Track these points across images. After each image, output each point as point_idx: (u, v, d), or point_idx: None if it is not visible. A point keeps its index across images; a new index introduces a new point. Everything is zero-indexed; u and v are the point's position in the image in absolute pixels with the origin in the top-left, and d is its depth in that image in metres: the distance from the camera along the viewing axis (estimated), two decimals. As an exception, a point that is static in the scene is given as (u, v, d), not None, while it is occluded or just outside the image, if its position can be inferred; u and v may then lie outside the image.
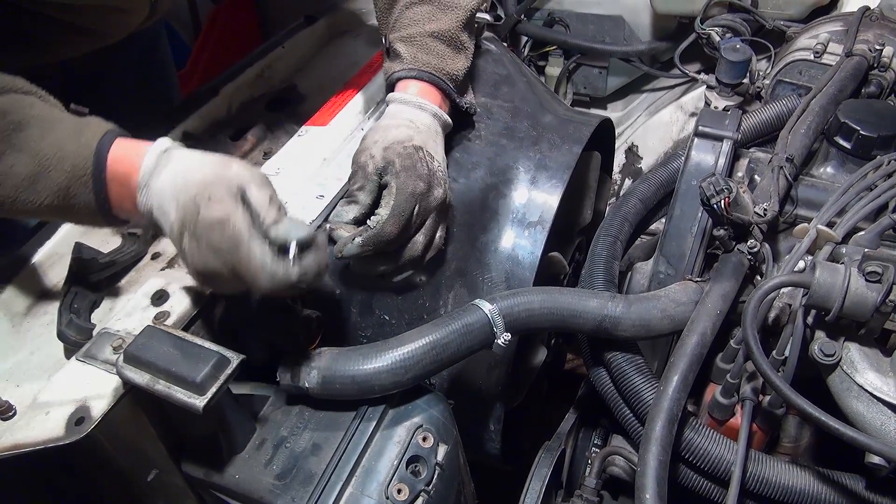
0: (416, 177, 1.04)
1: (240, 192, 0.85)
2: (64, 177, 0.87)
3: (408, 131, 1.09)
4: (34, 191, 0.87)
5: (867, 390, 0.86)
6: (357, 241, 1.02)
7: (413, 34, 1.16)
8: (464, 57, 1.20)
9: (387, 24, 1.22)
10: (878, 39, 1.32)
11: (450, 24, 1.17)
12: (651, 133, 2.06)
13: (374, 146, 1.07)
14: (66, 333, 0.99)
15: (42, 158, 0.86)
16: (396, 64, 1.17)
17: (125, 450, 0.90)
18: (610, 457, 1.15)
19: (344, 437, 0.92)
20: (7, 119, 0.86)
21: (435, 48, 1.16)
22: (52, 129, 0.88)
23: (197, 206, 0.84)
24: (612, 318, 1.00)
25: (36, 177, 0.86)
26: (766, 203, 1.03)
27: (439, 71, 1.16)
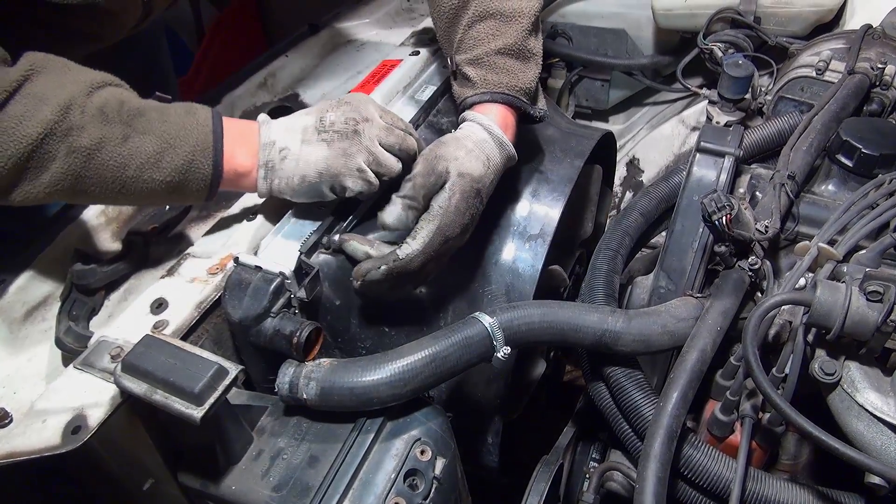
0: (461, 223, 1.04)
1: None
2: (188, 150, 0.98)
3: (482, 170, 1.07)
4: (158, 168, 0.96)
5: (868, 410, 0.86)
6: (383, 269, 1.01)
7: (480, 55, 1.13)
8: (534, 64, 1.17)
9: (450, 44, 1.19)
10: (881, 58, 1.32)
11: (515, 36, 1.13)
12: (652, 146, 2.06)
13: (454, 163, 1.05)
14: (64, 341, 0.99)
15: (167, 137, 0.97)
16: (468, 89, 1.15)
17: (121, 459, 0.89)
18: (608, 472, 1.14)
19: (341, 450, 0.91)
20: (126, 106, 0.95)
21: (504, 65, 1.13)
22: (167, 113, 0.99)
23: (332, 102, 1.05)
24: (611, 332, 1.00)
25: (161, 154, 0.96)
26: (767, 220, 1.03)
27: (512, 89, 1.13)
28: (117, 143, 0.93)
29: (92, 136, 0.91)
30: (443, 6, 1.17)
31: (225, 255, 1.06)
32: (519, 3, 1.14)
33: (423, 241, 1.02)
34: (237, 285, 1.00)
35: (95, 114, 0.92)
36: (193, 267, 1.05)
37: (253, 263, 1.01)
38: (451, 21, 1.17)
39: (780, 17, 1.65)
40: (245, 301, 0.98)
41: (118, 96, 0.96)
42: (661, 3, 1.80)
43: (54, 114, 0.88)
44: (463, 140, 1.09)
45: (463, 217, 1.04)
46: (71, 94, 0.91)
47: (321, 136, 1.04)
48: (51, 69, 0.92)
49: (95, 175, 0.93)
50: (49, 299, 1.12)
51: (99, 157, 0.92)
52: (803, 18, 1.64)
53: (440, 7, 1.17)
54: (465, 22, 1.15)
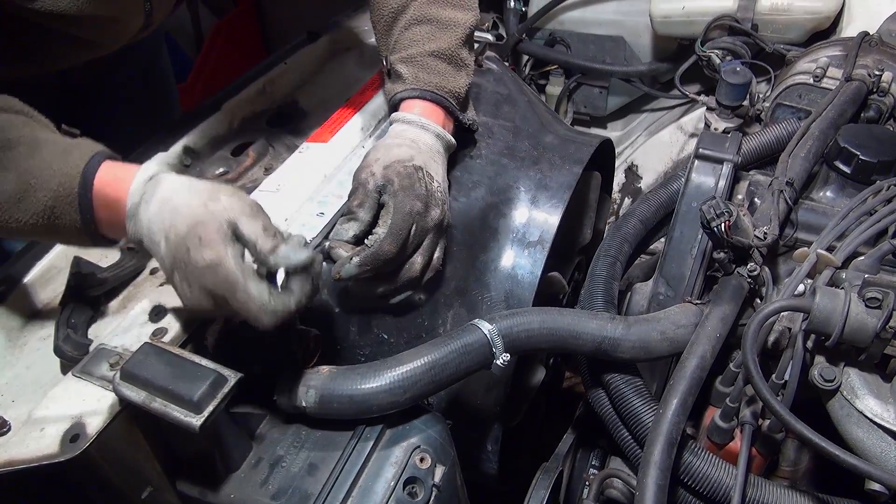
0: (414, 196, 1.04)
1: (231, 228, 0.84)
2: (50, 196, 0.87)
3: (409, 151, 1.09)
4: (19, 209, 0.87)
5: (867, 416, 0.86)
6: (355, 262, 1.02)
7: (413, 54, 1.17)
8: (465, 74, 1.21)
9: (387, 45, 1.23)
10: (878, 65, 1.33)
11: (449, 42, 1.18)
12: (651, 153, 2.06)
13: (376, 164, 1.07)
14: (63, 349, 0.98)
15: (29, 177, 0.86)
16: (398, 84, 1.18)
17: (120, 467, 0.88)
18: (608, 479, 1.14)
19: (341, 458, 0.91)
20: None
21: (436, 67, 1.16)
22: (40, 149, 0.88)
23: (187, 248, 0.83)
24: (611, 339, 1.00)
25: (22, 195, 0.86)
26: (766, 226, 1.03)
27: (441, 89, 1.16)
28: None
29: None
30: (383, 10, 1.21)
31: (224, 262, 1.05)
32: (455, 14, 1.20)
33: (386, 224, 1.03)
34: (236, 293, 0.99)
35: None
36: (192, 274, 1.04)
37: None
38: (389, 24, 1.21)
39: (777, 24, 1.66)
40: (244, 308, 0.97)
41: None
42: (659, 11, 1.80)
43: None
44: (381, 142, 1.12)
45: (414, 191, 1.04)
46: None
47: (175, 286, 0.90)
48: None
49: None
50: (48, 307, 1.12)
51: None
52: (800, 26, 1.65)
53: (380, 10, 1.21)
54: (401, 24, 1.19)
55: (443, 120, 1.17)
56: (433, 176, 1.09)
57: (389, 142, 1.11)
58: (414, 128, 1.13)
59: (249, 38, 3.38)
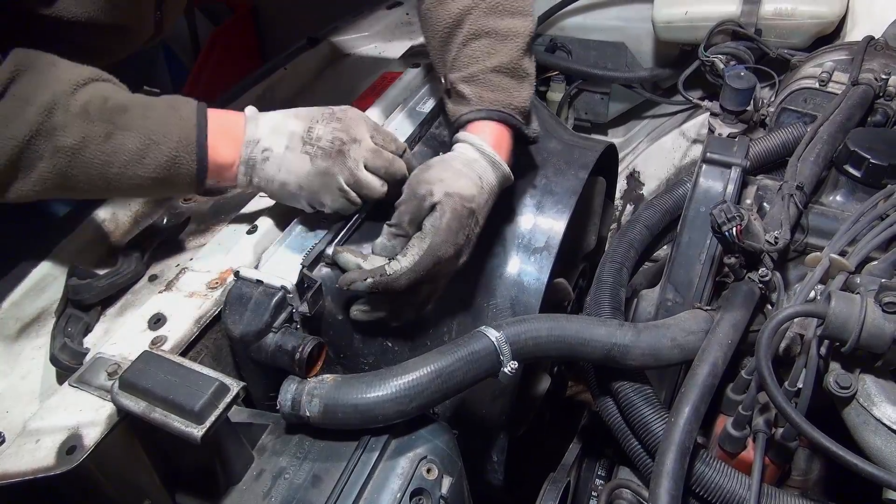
0: (454, 243, 1.02)
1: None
2: (172, 147, 0.96)
3: (473, 189, 1.05)
4: (142, 164, 0.96)
5: (885, 424, 0.84)
6: (368, 282, 1.00)
7: (475, 73, 1.12)
8: (528, 85, 1.16)
9: (444, 63, 1.17)
10: (884, 69, 1.32)
11: (511, 54, 1.12)
12: (653, 159, 2.05)
13: (439, 184, 1.03)
14: (60, 357, 0.96)
15: (150, 134, 0.95)
16: (463, 106, 1.13)
17: (118, 480, 0.86)
18: (617, 490, 1.12)
19: (345, 469, 0.89)
20: (109, 103, 0.94)
21: (499, 83, 1.12)
22: (151, 108, 0.98)
23: (324, 111, 1.04)
24: (620, 346, 0.98)
25: (145, 151, 0.95)
26: (776, 231, 1.01)
27: (507, 106, 1.12)
28: (100, 141, 0.93)
29: (75, 135, 0.91)
30: (437, 25, 1.15)
31: (225, 268, 1.03)
32: (514, 23, 1.14)
33: (412, 260, 1.00)
34: (238, 300, 0.98)
35: (79, 112, 0.92)
36: (192, 281, 1.03)
37: (254, 277, 0.99)
38: (445, 40, 1.15)
39: (781, 29, 1.65)
40: (246, 316, 0.96)
41: (102, 92, 0.95)
42: (661, 16, 1.80)
43: (39, 114, 0.89)
44: (450, 161, 1.07)
45: (456, 237, 1.02)
46: (55, 93, 0.91)
47: (305, 149, 1.02)
48: (36, 67, 0.92)
49: (81, 173, 0.94)
50: (44, 315, 1.10)
51: (83, 156, 0.93)
52: (804, 30, 1.64)
53: (434, 26, 1.16)
54: (459, 40, 1.13)
55: (509, 144, 1.13)
56: (479, 223, 1.06)
57: (458, 167, 1.06)
58: (485, 161, 1.09)
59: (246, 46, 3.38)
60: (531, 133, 1.18)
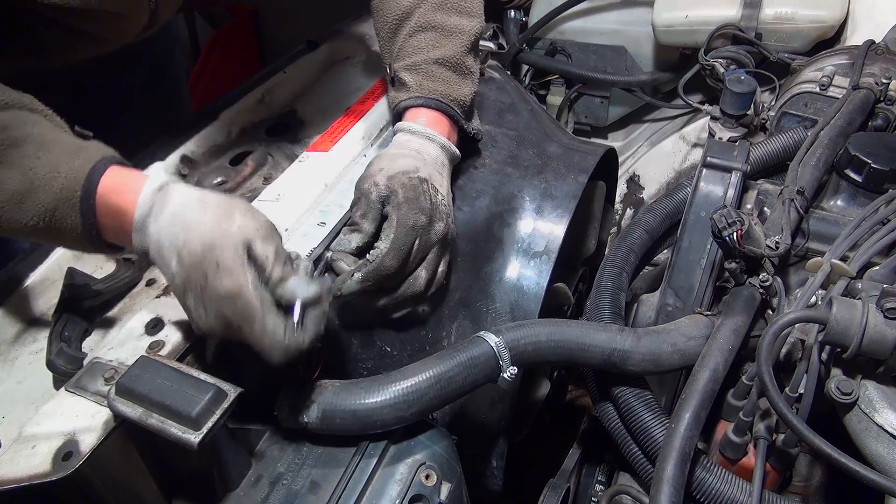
0: (418, 209, 1.02)
1: (246, 251, 0.82)
2: (52, 198, 0.85)
3: (414, 162, 1.06)
4: (20, 209, 0.85)
5: (887, 430, 0.83)
6: (357, 277, 0.99)
7: (418, 62, 1.14)
8: (470, 82, 1.19)
9: (390, 52, 1.20)
10: (885, 73, 1.32)
11: (454, 49, 1.16)
12: (653, 163, 2.05)
13: (379, 174, 1.05)
14: (56, 363, 0.95)
15: (33, 177, 0.84)
16: (402, 93, 1.15)
17: (114, 486, 0.85)
18: (617, 496, 1.11)
19: (344, 475, 0.89)
20: (4, 134, 0.84)
21: (441, 75, 1.14)
22: (48, 148, 0.86)
23: (204, 273, 0.81)
24: (620, 351, 0.98)
25: (24, 195, 0.84)
26: (777, 236, 1.01)
27: (446, 97, 1.14)
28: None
29: None
30: (387, 16, 1.19)
31: (223, 273, 1.03)
32: (460, 21, 1.17)
33: (388, 238, 1.00)
34: (235, 304, 0.97)
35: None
36: (190, 286, 1.02)
37: None
38: (393, 31, 1.19)
39: (781, 33, 1.65)
40: (244, 321, 0.95)
41: (7, 121, 0.85)
42: (661, 20, 1.79)
43: None
44: (385, 152, 1.09)
45: (419, 203, 1.02)
46: None
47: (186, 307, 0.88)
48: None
49: None
50: (40, 320, 1.09)
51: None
52: (805, 34, 1.64)
53: (384, 17, 1.19)
54: (406, 31, 1.17)
55: (448, 129, 1.15)
56: (438, 188, 1.07)
57: (393, 151, 1.09)
58: (419, 138, 1.11)
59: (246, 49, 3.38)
60: (471, 129, 1.20)
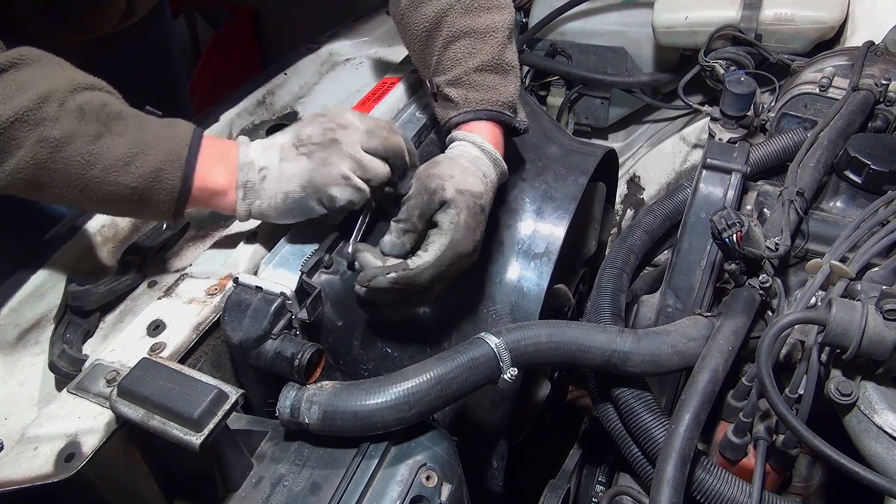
0: (472, 239, 1.02)
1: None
2: (159, 158, 0.95)
3: (481, 186, 1.05)
4: (126, 171, 0.93)
5: (886, 431, 0.83)
6: (390, 277, 0.98)
7: (459, 75, 1.12)
8: (513, 77, 1.15)
9: (427, 67, 1.18)
10: (884, 74, 1.32)
11: (492, 51, 1.12)
12: (653, 164, 2.05)
13: (450, 181, 1.02)
14: (58, 364, 0.96)
15: (141, 143, 0.94)
16: (451, 109, 1.13)
17: (116, 488, 0.86)
18: (618, 497, 1.11)
19: (344, 476, 0.88)
20: (107, 109, 0.93)
21: (484, 82, 1.12)
22: (147, 122, 0.97)
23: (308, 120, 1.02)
24: (620, 353, 0.98)
25: (132, 158, 0.93)
26: (777, 237, 1.01)
27: (495, 104, 1.12)
28: (88, 140, 0.91)
29: (64, 129, 0.89)
30: (415, 30, 1.16)
31: (224, 275, 1.03)
32: (491, 18, 1.13)
33: (434, 255, 0.99)
34: (237, 306, 0.97)
35: (74, 110, 0.90)
36: (191, 287, 1.02)
37: (253, 284, 0.98)
38: (425, 43, 1.16)
39: (781, 34, 1.65)
40: (245, 322, 0.96)
41: (102, 99, 0.94)
42: (661, 21, 1.79)
43: (31, 101, 0.87)
44: (457, 159, 1.07)
45: (474, 233, 1.02)
46: (53, 87, 0.89)
47: (300, 151, 1.01)
48: (43, 64, 0.91)
49: (60, 169, 0.90)
50: (42, 321, 1.09)
51: (66, 151, 0.89)
52: (804, 36, 1.64)
53: (412, 31, 1.16)
54: (439, 44, 1.13)
55: (499, 137, 1.13)
56: (487, 219, 1.07)
57: (464, 164, 1.06)
58: (487, 159, 1.09)
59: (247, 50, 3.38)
60: (520, 125, 1.17)
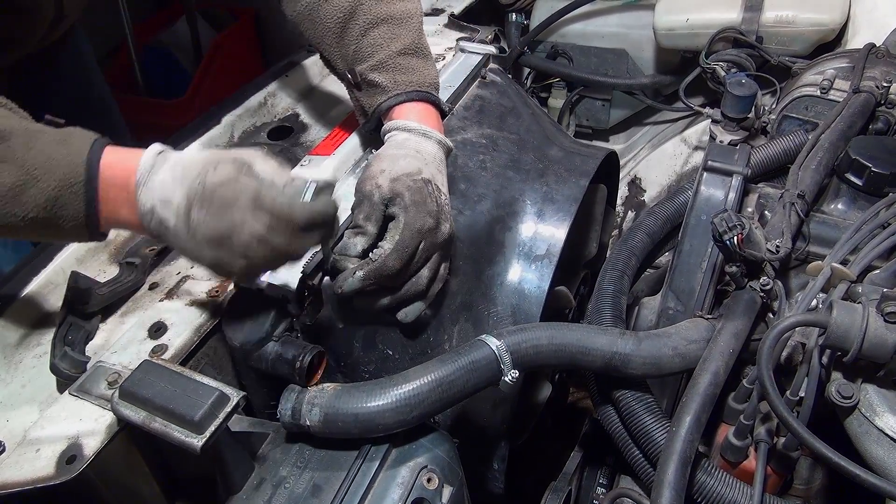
0: (426, 213, 1.02)
1: (244, 166, 0.84)
2: (54, 185, 0.83)
3: (416, 163, 1.06)
4: (19, 203, 0.82)
5: (887, 434, 0.84)
6: (358, 276, 0.99)
7: (383, 59, 1.12)
8: (432, 62, 1.19)
9: (343, 58, 1.17)
10: (885, 76, 1.32)
11: (411, 36, 1.15)
12: (654, 166, 2.05)
13: (381, 175, 1.04)
14: (60, 366, 0.96)
15: (30, 168, 0.82)
16: (379, 95, 1.14)
17: (117, 489, 0.86)
18: (618, 499, 1.11)
19: (345, 478, 0.89)
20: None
21: (409, 65, 1.13)
22: (36, 139, 0.84)
23: (203, 176, 0.82)
24: (621, 355, 0.98)
25: (22, 187, 0.82)
26: (778, 239, 1.01)
27: (423, 85, 1.13)
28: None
29: None
30: (327, 22, 1.15)
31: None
32: (405, 6, 1.16)
33: (392, 240, 1.00)
34: (238, 308, 0.98)
35: None
36: (193, 290, 1.03)
37: (255, 286, 0.99)
38: (340, 34, 1.15)
39: (782, 36, 1.65)
40: (246, 325, 0.96)
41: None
42: (662, 23, 1.80)
43: None
44: (383, 153, 1.08)
45: (426, 207, 1.02)
46: None
47: (191, 232, 0.84)
48: None
49: None
50: (44, 324, 1.09)
51: None
52: (805, 38, 1.64)
53: (324, 23, 1.15)
54: (356, 32, 1.13)
55: (436, 118, 1.14)
56: (440, 188, 1.07)
57: (393, 152, 1.08)
58: (416, 136, 1.10)
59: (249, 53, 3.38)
60: (446, 108, 1.20)
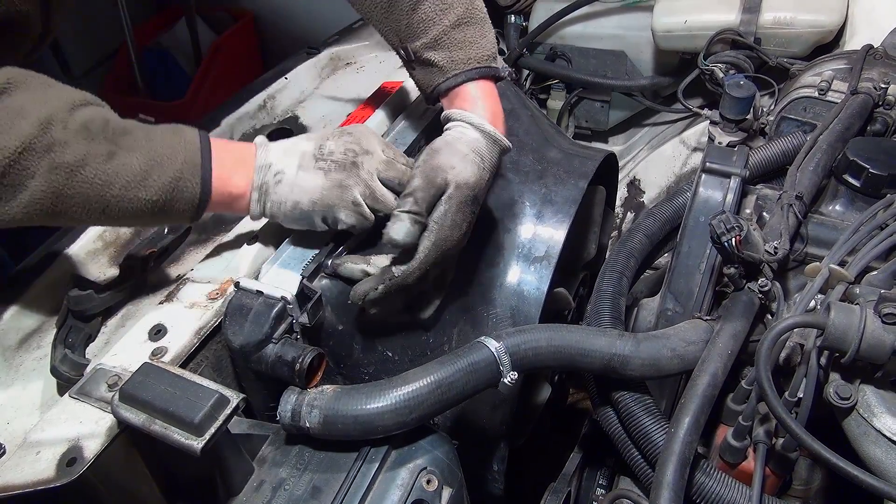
0: (460, 232, 1.02)
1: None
2: (176, 168, 0.94)
3: (478, 174, 1.04)
4: (144, 186, 0.92)
5: (885, 435, 0.84)
6: (381, 290, 1.00)
7: (437, 35, 1.07)
8: (488, 24, 1.11)
9: (395, 34, 1.11)
10: (883, 78, 1.32)
11: (464, 2, 1.07)
12: (653, 167, 2.05)
13: (451, 172, 1.01)
14: (60, 369, 0.96)
15: (154, 155, 0.93)
16: (436, 75, 1.09)
17: (118, 492, 0.86)
18: (618, 500, 1.11)
19: (345, 480, 0.89)
20: (111, 125, 0.92)
21: (465, 38, 1.07)
22: (153, 132, 0.96)
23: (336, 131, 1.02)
24: (620, 356, 0.98)
25: (149, 172, 0.92)
26: (776, 241, 1.01)
27: (481, 60, 1.08)
28: (102, 160, 0.88)
29: (76, 152, 0.86)
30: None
31: (225, 279, 1.04)
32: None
33: (419, 258, 1.00)
34: (238, 311, 0.98)
35: (79, 130, 0.87)
36: (193, 292, 1.03)
37: (254, 288, 0.99)
38: (387, 10, 1.09)
39: (780, 37, 1.66)
40: (246, 327, 0.96)
41: (102, 114, 0.92)
42: (661, 25, 1.80)
43: (34, 128, 0.83)
44: (455, 144, 1.04)
45: (460, 229, 1.02)
46: (52, 109, 0.86)
47: (318, 165, 1.01)
48: (31, 85, 0.88)
49: (78, 193, 0.88)
50: (44, 326, 1.10)
51: (82, 175, 0.87)
52: (804, 39, 1.64)
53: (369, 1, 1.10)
54: (405, 6, 1.07)
55: (496, 98, 1.10)
56: (479, 204, 1.06)
57: (465, 151, 1.04)
58: (486, 140, 1.06)
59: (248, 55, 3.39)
60: (504, 73, 1.14)
